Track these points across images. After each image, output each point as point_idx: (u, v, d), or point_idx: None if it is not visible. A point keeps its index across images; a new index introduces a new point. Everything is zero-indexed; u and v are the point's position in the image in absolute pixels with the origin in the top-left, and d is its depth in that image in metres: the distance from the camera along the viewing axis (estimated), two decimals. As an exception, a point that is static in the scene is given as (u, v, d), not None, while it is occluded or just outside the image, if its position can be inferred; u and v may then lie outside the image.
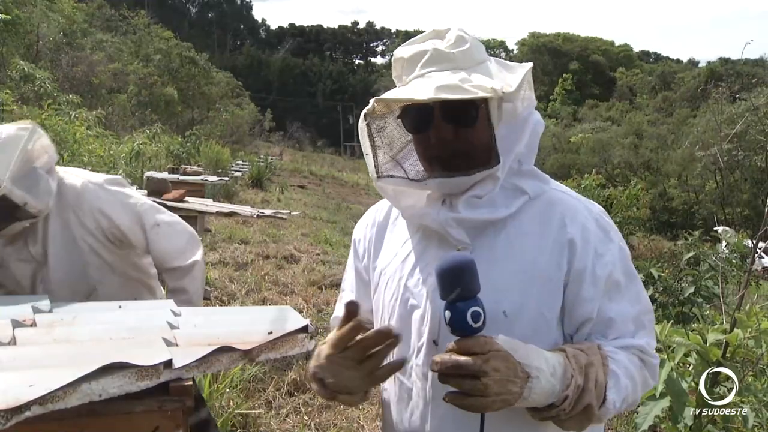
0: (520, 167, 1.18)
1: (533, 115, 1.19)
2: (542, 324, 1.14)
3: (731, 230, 9.05)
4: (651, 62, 66.49)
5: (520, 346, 1.03)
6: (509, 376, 0.99)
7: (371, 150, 1.22)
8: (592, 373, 1.06)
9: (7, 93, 8.24)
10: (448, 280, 0.99)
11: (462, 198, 1.15)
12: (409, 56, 1.18)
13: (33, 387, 0.97)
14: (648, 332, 1.18)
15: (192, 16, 75.24)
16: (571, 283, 1.14)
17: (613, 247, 1.17)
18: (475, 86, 1.08)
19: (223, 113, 23.65)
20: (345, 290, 1.42)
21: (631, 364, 1.13)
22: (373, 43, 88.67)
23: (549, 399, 1.03)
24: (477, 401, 0.99)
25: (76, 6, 19.88)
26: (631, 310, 1.16)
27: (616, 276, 1.15)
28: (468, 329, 0.99)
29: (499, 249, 1.15)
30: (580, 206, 1.20)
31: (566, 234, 1.15)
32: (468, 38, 1.17)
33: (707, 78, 35.40)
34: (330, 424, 3.59)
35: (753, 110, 16.20)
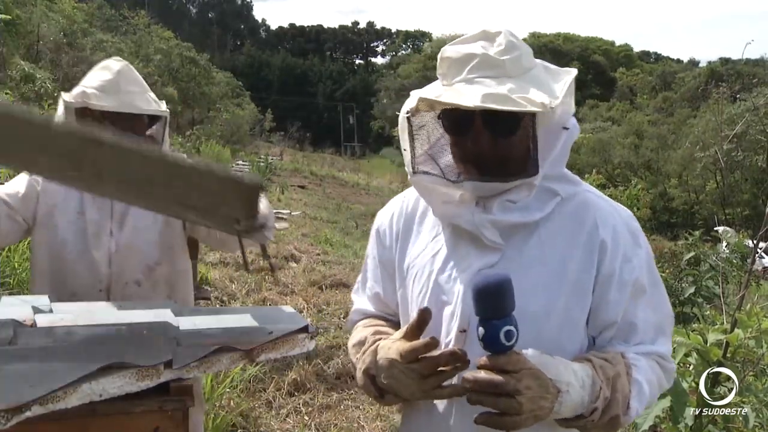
0: (552, 170, 1.17)
1: (570, 121, 1.18)
2: (570, 326, 1.14)
3: (732, 230, 9.04)
4: (651, 62, 66.46)
5: (550, 360, 1.05)
6: (542, 393, 1.00)
7: (409, 146, 1.22)
8: (619, 385, 1.08)
9: (8, 93, 8.24)
10: (484, 299, 1.00)
11: (496, 201, 1.16)
12: (458, 57, 1.15)
13: (33, 387, 0.97)
14: (667, 339, 1.20)
15: (192, 16, 75.28)
16: (599, 286, 1.14)
17: (641, 252, 1.18)
18: (525, 99, 1.08)
19: (223, 113, 23.67)
20: (367, 280, 1.40)
21: (651, 371, 1.15)
22: (373, 43, 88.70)
23: (578, 411, 1.05)
24: (510, 420, 1.00)
25: (77, 6, 19.86)
26: (654, 316, 1.18)
27: (642, 281, 1.16)
28: (500, 347, 1.00)
29: (531, 251, 1.16)
30: (611, 209, 1.21)
31: (598, 236, 1.15)
32: (518, 45, 1.15)
33: (707, 78, 35.38)
34: (330, 424, 3.59)
35: (753, 110, 16.19)
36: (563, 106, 1.16)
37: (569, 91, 1.16)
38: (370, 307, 1.38)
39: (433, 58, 34.08)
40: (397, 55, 79.70)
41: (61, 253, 1.86)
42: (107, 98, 1.85)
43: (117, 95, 1.86)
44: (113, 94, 1.86)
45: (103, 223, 1.90)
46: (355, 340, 1.30)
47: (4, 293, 3.66)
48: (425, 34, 79.85)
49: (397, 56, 78.54)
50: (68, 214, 1.88)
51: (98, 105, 1.84)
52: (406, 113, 1.21)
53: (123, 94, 1.87)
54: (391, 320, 1.35)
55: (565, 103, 1.15)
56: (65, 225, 1.87)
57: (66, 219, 1.88)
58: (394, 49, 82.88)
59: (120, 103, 1.85)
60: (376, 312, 1.37)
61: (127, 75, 1.91)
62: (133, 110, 1.87)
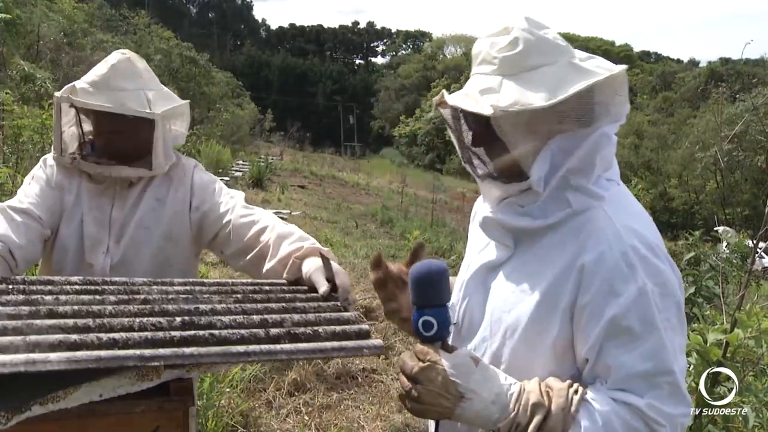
0: (569, 182, 1.09)
1: (598, 130, 1.09)
2: (540, 347, 1.09)
3: (732, 230, 9.03)
4: (651, 62, 66.45)
5: (471, 368, 1.03)
6: (441, 391, 1.02)
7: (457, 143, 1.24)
8: (538, 414, 1.00)
9: (8, 93, 8.23)
10: (415, 286, 1.07)
11: (505, 203, 1.17)
12: (474, 53, 1.17)
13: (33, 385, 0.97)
14: (665, 396, 1.01)
15: (192, 16, 75.28)
16: (576, 315, 1.06)
17: (632, 288, 1.02)
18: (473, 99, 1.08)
19: (223, 113, 23.64)
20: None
21: (612, 421, 1.00)
22: (373, 43, 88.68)
23: (488, 425, 1.03)
24: (413, 405, 1.05)
25: (77, 6, 19.85)
26: (640, 365, 1.01)
27: (627, 322, 1.02)
28: (420, 335, 1.06)
29: (530, 260, 1.13)
30: (612, 232, 1.06)
31: (580, 259, 1.06)
32: (526, 41, 1.08)
33: (707, 78, 35.40)
34: (330, 424, 3.59)
35: (753, 110, 16.19)
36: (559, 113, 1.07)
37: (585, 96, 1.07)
38: None
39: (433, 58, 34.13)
40: (397, 55, 79.72)
41: (62, 262, 1.82)
42: (93, 95, 1.73)
43: (105, 92, 1.73)
44: (102, 90, 1.73)
45: (100, 237, 1.81)
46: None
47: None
48: (425, 34, 79.81)
49: (397, 56, 78.58)
50: (71, 224, 1.82)
51: (81, 101, 1.74)
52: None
53: (111, 91, 1.73)
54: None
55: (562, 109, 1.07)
56: (68, 233, 1.82)
57: (69, 227, 1.82)
58: (394, 49, 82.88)
59: (105, 101, 1.72)
60: None
61: (122, 70, 1.76)
62: (119, 110, 1.72)
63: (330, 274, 1.39)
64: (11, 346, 0.96)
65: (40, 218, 1.77)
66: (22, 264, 1.73)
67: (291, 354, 1.09)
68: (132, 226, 1.81)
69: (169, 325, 1.10)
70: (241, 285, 1.42)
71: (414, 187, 22.19)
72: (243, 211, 1.80)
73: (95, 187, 1.82)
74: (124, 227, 1.81)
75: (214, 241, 1.83)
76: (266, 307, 1.26)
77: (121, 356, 0.99)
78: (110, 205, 1.82)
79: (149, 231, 1.82)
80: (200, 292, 1.33)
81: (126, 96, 1.74)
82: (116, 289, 1.31)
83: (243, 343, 1.08)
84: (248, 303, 1.28)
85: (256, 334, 1.11)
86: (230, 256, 1.81)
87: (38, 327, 1.04)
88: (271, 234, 1.69)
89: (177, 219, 1.84)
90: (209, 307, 1.21)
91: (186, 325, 1.11)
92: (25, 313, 1.10)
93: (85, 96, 1.73)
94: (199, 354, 1.03)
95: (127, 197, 1.83)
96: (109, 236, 1.81)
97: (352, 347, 1.14)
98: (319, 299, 1.34)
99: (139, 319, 1.11)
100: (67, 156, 1.81)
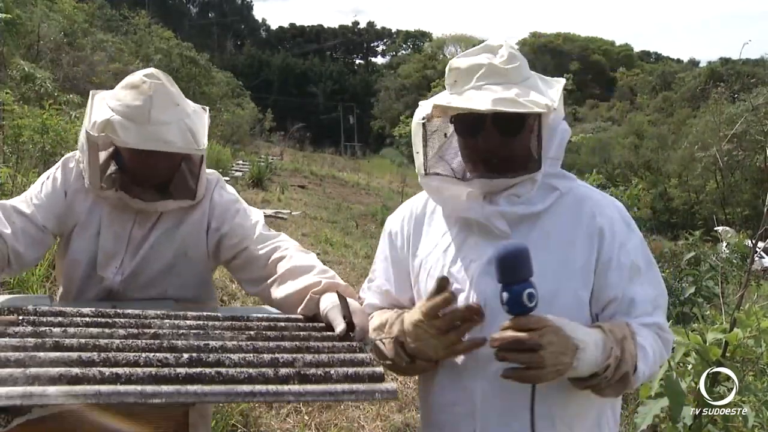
0: (551, 169, 1.31)
1: (561, 124, 1.33)
2: (577, 305, 1.27)
3: (732, 230, 9.04)
4: (651, 62, 66.34)
5: (566, 322, 1.16)
6: (562, 349, 1.11)
7: (422, 149, 1.35)
8: (627, 345, 1.19)
9: (8, 93, 8.24)
10: (508, 264, 1.12)
11: (502, 195, 1.29)
12: (466, 67, 1.29)
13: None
14: (663, 312, 1.33)
15: (192, 16, 75.27)
16: (600, 269, 1.28)
17: (634, 237, 1.32)
18: (530, 101, 1.22)
19: (223, 113, 23.64)
20: (376, 279, 1.52)
21: (652, 339, 1.27)
22: (373, 43, 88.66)
23: (593, 368, 1.16)
24: (534, 373, 1.11)
25: (77, 6, 19.85)
26: (651, 292, 1.30)
27: (637, 262, 1.29)
28: (524, 308, 1.11)
29: (536, 239, 1.26)
30: (606, 201, 1.35)
31: (596, 224, 1.29)
32: (518, 56, 1.30)
33: (707, 78, 35.38)
34: (330, 424, 3.60)
35: (752, 110, 16.19)
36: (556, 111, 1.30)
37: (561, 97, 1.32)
38: (379, 303, 1.49)
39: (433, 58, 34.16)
40: (397, 55, 79.69)
41: (73, 273, 1.79)
42: (132, 132, 1.61)
43: (146, 127, 1.62)
44: (142, 125, 1.62)
45: (116, 252, 1.76)
46: (375, 324, 1.40)
47: (4, 293, 3.66)
48: (425, 34, 79.78)
49: (397, 56, 78.56)
50: (86, 235, 1.77)
51: (122, 140, 1.62)
52: (422, 119, 1.34)
53: (152, 126, 1.62)
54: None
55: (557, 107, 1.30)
56: (80, 245, 1.77)
57: (82, 239, 1.78)
58: (394, 49, 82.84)
59: (148, 139, 1.62)
60: (386, 306, 1.48)
61: (159, 101, 1.64)
62: (166, 149, 1.64)
63: (347, 313, 1.35)
64: (10, 379, 0.95)
65: (44, 227, 1.74)
66: (16, 268, 1.72)
67: (299, 396, 1.07)
68: (148, 244, 1.77)
69: (176, 362, 1.08)
70: (256, 320, 1.39)
71: (414, 187, 22.13)
72: (262, 237, 1.75)
73: (117, 201, 1.76)
74: (141, 244, 1.77)
75: (231, 264, 1.79)
76: (279, 345, 1.23)
77: (121, 392, 0.97)
78: (132, 221, 1.78)
79: (163, 249, 1.78)
80: (213, 327, 1.30)
81: (167, 131, 1.64)
82: (127, 322, 1.28)
83: (250, 383, 1.06)
84: (261, 341, 1.25)
85: (264, 374, 1.09)
86: (246, 282, 1.78)
87: (41, 360, 1.03)
88: (289, 264, 1.63)
89: (192, 239, 1.79)
90: (219, 344, 1.18)
91: (193, 362, 1.09)
92: (30, 345, 1.09)
93: (124, 133, 1.61)
94: (203, 392, 1.01)
95: (149, 215, 1.78)
96: (126, 252, 1.77)
97: (364, 391, 1.12)
98: (335, 338, 1.31)
99: (145, 354, 1.09)
100: (110, 190, 1.73)
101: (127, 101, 1.64)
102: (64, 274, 1.83)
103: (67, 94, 11.20)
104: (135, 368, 1.04)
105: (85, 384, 0.97)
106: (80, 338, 1.15)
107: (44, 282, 4.16)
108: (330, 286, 1.49)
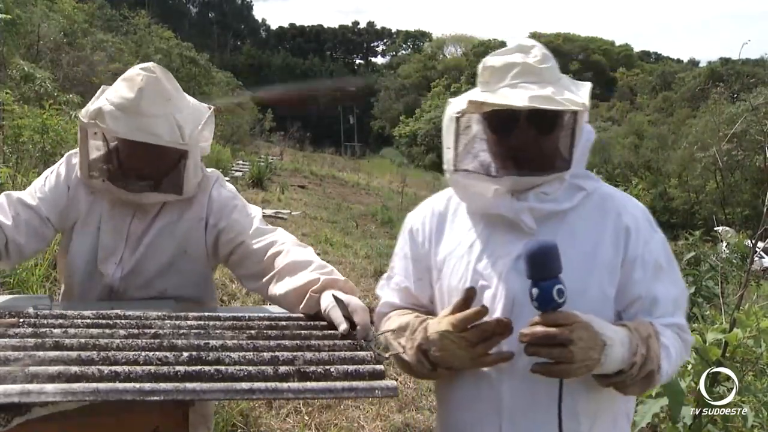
0: (576, 169, 1.33)
1: (586, 127, 1.35)
2: (603, 303, 1.27)
3: (732, 230, 9.05)
4: (651, 62, 66.38)
5: (594, 318, 1.17)
6: (591, 345, 1.13)
7: (453, 144, 1.35)
8: (652, 344, 1.21)
9: (8, 93, 8.24)
10: (538, 261, 1.13)
11: (531, 192, 1.30)
12: (500, 66, 1.30)
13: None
14: (683, 312, 1.34)
15: (192, 16, 75.24)
16: (625, 266, 1.29)
17: (657, 236, 1.35)
18: (566, 100, 1.25)
19: (223, 113, 23.64)
20: (395, 276, 1.51)
21: (674, 339, 1.28)
22: (373, 43, 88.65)
23: (619, 365, 1.17)
24: (564, 368, 1.12)
25: (77, 6, 19.86)
26: (673, 291, 1.32)
27: (660, 261, 1.31)
28: (554, 304, 1.13)
29: (563, 236, 1.27)
30: (630, 201, 1.38)
31: (622, 223, 1.31)
32: (550, 56, 1.33)
33: (707, 78, 35.39)
34: (330, 424, 3.60)
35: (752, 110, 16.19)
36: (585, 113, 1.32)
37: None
38: (398, 300, 1.49)
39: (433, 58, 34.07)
40: (397, 55, 79.71)
41: (74, 270, 1.80)
42: (121, 121, 1.64)
43: (134, 118, 1.64)
44: (130, 116, 1.64)
45: (116, 247, 1.77)
46: (394, 326, 1.39)
47: (4, 293, 3.67)
48: (425, 34, 79.79)
49: (397, 56, 78.57)
50: (86, 231, 1.79)
51: (110, 129, 1.65)
52: (456, 114, 1.34)
53: (140, 117, 1.64)
54: (420, 312, 1.44)
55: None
56: (81, 240, 1.79)
57: (83, 235, 1.79)
58: (394, 49, 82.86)
59: (134, 128, 1.64)
60: (405, 304, 1.48)
61: (150, 93, 1.65)
62: (149, 140, 1.64)
63: (346, 312, 1.35)
64: (9, 377, 0.95)
65: (47, 219, 1.75)
66: (15, 258, 1.74)
67: (298, 393, 1.07)
68: (148, 239, 1.78)
69: (176, 360, 1.08)
70: (257, 320, 1.38)
71: (414, 187, 22.17)
72: (259, 231, 1.75)
73: (117, 197, 1.78)
74: (140, 239, 1.78)
75: (229, 260, 1.79)
76: (279, 344, 1.23)
77: (119, 389, 0.97)
78: (131, 216, 1.79)
79: (163, 245, 1.78)
80: (213, 327, 1.30)
81: (156, 123, 1.65)
82: (128, 323, 1.28)
83: (249, 380, 1.05)
84: (261, 339, 1.25)
85: (264, 372, 1.08)
86: (244, 278, 1.78)
87: (40, 358, 1.03)
88: (287, 259, 1.62)
89: (191, 235, 1.80)
90: (220, 343, 1.18)
91: (193, 361, 1.09)
92: (30, 345, 1.09)
93: (113, 122, 1.64)
94: (201, 390, 1.01)
95: (148, 210, 1.79)
96: (125, 247, 1.78)
97: (364, 388, 1.11)
98: (336, 337, 1.30)
99: (145, 353, 1.09)
100: (96, 180, 1.76)
101: (120, 93, 1.68)
102: (66, 271, 1.84)
103: (67, 94, 11.19)
104: (134, 367, 1.04)
105: (84, 382, 0.98)
106: (80, 338, 1.15)
107: (44, 282, 4.16)
108: (328, 283, 1.49)
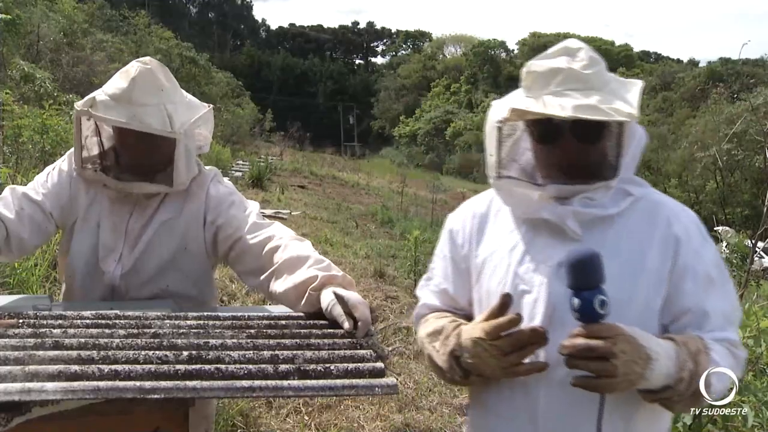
0: (625, 174, 1.28)
1: (638, 129, 1.29)
2: (649, 312, 1.23)
3: (732, 230, 9.05)
4: (651, 62, 66.33)
5: (638, 331, 1.12)
6: (634, 358, 1.08)
7: (496, 151, 1.32)
8: (701, 359, 1.15)
9: (8, 93, 8.23)
10: (580, 271, 1.08)
11: (576, 198, 1.26)
12: (543, 71, 1.25)
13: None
14: (735, 328, 1.28)
15: (192, 16, 75.20)
16: (675, 277, 1.24)
17: (710, 247, 1.29)
18: (612, 109, 1.18)
19: (223, 113, 23.65)
20: (434, 277, 1.49)
21: (725, 355, 1.21)
22: (373, 43, 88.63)
23: (665, 381, 1.13)
24: (605, 382, 1.08)
25: (77, 6, 19.87)
26: (724, 305, 1.25)
27: (712, 273, 1.25)
28: (596, 315, 1.08)
29: (609, 243, 1.23)
30: (681, 209, 1.32)
31: (672, 232, 1.25)
32: (598, 59, 1.26)
33: (707, 78, 35.38)
34: (330, 424, 3.59)
35: (752, 110, 16.18)
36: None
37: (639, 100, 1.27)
38: (437, 302, 1.46)
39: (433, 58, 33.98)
40: (397, 55, 79.67)
41: (75, 268, 1.80)
42: (112, 109, 1.67)
43: (125, 107, 1.67)
44: (122, 104, 1.67)
45: (115, 245, 1.78)
46: (430, 329, 1.37)
47: (4, 293, 3.67)
48: (425, 34, 79.71)
49: (397, 56, 78.53)
50: (87, 228, 1.79)
51: (100, 116, 1.69)
52: (498, 122, 1.30)
53: (132, 105, 1.67)
54: (458, 314, 1.42)
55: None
56: (81, 238, 1.79)
57: (83, 232, 1.79)
58: (394, 49, 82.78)
59: (124, 116, 1.66)
60: (443, 306, 1.45)
61: (143, 83, 1.69)
62: (137, 127, 1.66)
63: (346, 308, 1.35)
64: (9, 376, 0.95)
65: (50, 214, 1.77)
66: (16, 252, 1.75)
67: (299, 391, 1.07)
68: (147, 236, 1.78)
69: (176, 359, 1.09)
70: (257, 319, 1.39)
71: (414, 187, 22.16)
72: (256, 226, 1.75)
73: (115, 194, 1.79)
74: (139, 236, 1.78)
75: (228, 257, 1.79)
76: (279, 342, 1.23)
77: (120, 387, 0.97)
78: (129, 213, 1.80)
79: (162, 242, 1.78)
80: (213, 326, 1.30)
81: (146, 112, 1.67)
82: (127, 323, 1.29)
83: (249, 379, 1.06)
84: (261, 338, 1.25)
85: (264, 370, 1.09)
86: (244, 275, 1.77)
87: (40, 358, 1.03)
88: (285, 254, 1.62)
89: (190, 232, 1.80)
90: (220, 342, 1.18)
91: (193, 360, 1.09)
92: (29, 345, 1.09)
93: (105, 110, 1.68)
94: (201, 387, 1.01)
95: (146, 207, 1.80)
96: (124, 244, 1.78)
97: (364, 386, 1.11)
98: (336, 335, 1.30)
99: (145, 353, 1.09)
100: (89, 170, 1.78)
101: (114, 83, 1.72)
102: (67, 271, 1.84)
103: (66, 94, 11.19)
104: (134, 365, 1.04)
105: (84, 380, 0.98)
106: (80, 338, 1.15)
107: (44, 282, 4.16)
108: (327, 279, 1.49)
